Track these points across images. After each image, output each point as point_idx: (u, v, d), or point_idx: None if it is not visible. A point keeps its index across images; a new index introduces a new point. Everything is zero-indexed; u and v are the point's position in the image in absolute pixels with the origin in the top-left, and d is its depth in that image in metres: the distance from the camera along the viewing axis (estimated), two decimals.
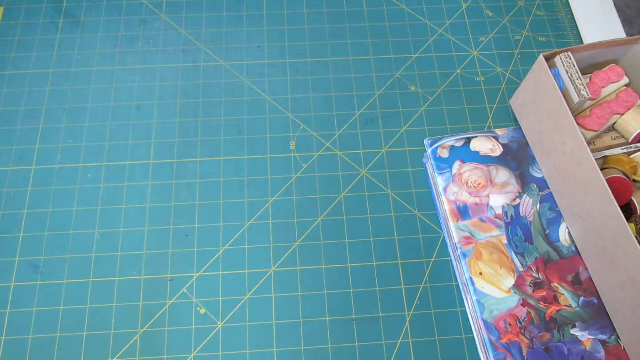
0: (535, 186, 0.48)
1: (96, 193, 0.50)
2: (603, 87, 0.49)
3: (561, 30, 0.61)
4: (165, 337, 0.45)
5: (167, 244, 0.48)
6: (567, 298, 0.44)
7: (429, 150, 0.49)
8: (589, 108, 0.49)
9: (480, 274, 0.44)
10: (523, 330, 0.42)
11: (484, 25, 0.61)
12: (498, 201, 0.47)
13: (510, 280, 0.44)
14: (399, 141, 0.54)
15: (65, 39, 0.58)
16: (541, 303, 0.43)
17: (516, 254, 0.45)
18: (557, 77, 0.45)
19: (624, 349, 0.42)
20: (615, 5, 0.62)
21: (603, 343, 0.42)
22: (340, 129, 0.54)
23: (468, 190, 0.47)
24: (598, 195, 0.40)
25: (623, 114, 0.48)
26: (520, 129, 0.51)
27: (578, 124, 0.47)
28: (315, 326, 0.46)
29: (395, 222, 0.50)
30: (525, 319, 0.43)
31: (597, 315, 0.43)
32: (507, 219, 0.47)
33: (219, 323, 0.46)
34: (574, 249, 0.46)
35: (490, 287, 0.44)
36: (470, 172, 0.48)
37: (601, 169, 0.45)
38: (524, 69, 0.58)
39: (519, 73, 0.58)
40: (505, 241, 0.46)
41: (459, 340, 0.45)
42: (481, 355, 0.44)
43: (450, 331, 0.46)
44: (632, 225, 0.44)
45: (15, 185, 0.50)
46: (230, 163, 0.52)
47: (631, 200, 0.45)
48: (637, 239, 0.37)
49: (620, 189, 0.44)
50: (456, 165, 0.49)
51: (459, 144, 0.50)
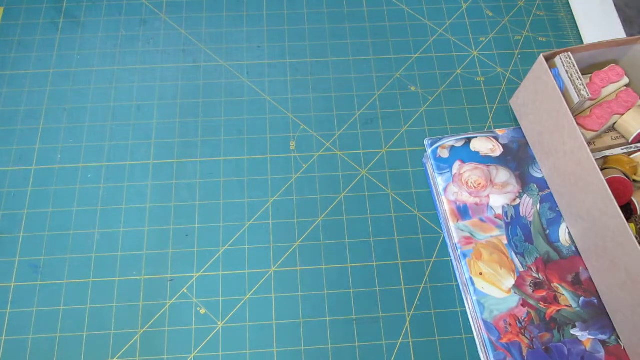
0: (535, 186, 0.48)
1: (96, 193, 0.50)
2: (603, 87, 0.49)
3: (561, 30, 0.61)
4: (165, 337, 0.45)
5: (167, 244, 0.48)
6: (567, 298, 0.44)
7: (429, 150, 0.49)
8: (589, 108, 0.49)
9: (480, 274, 0.44)
10: (523, 330, 0.42)
11: (484, 25, 0.61)
12: (498, 201, 0.47)
13: (510, 280, 0.44)
14: (399, 141, 0.54)
15: (65, 39, 0.58)
16: (541, 303, 0.43)
17: (516, 254, 0.45)
18: (557, 77, 0.45)
19: (624, 349, 0.42)
20: (615, 5, 0.62)
21: (603, 343, 0.42)
22: (340, 129, 0.54)
23: (468, 190, 0.47)
24: (598, 195, 0.40)
25: (623, 114, 0.48)
26: (520, 129, 0.51)
27: (578, 124, 0.47)
28: (315, 326, 0.46)
29: (395, 222, 0.50)
30: (525, 319, 0.43)
31: (597, 315, 0.43)
32: (507, 219, 0.47)
33: (219, 323, 0.46)
34: (574, 249, 0.45)
35: (490, 287, 0.44)
36: (470, 172, 0.48)
37: (601, 169, 0.45)
38: (524, 69, 0.58)
39: (519, 73, 0.58)
40: (505, 241, 0.46)
41: (459, 340, 0.45)
42: (481, 355, 0.44)
43: (450, 331, 0.46)
44: (632, 225, 0.44)
45: (15, 185, 0.50)
46: (230, 163, 0.52)
47: (631, 200, 0.45)
48: (637, 239, 0.37)
49: (620, 189, 0.44)
50: (456, 165, 0.49)
51: (459, 144, 0.50)
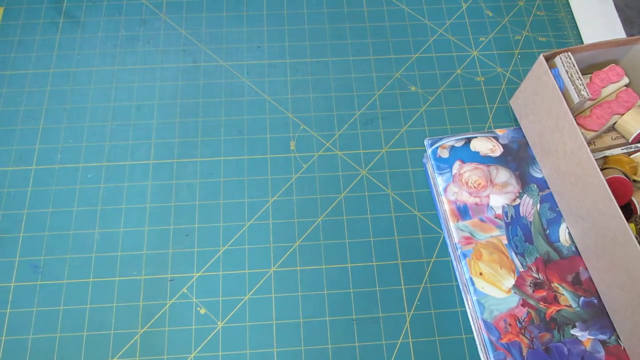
0: (535, 186, 0.48)
1: (96, 193, 0.50)
2: (603, 87, 0.49)
3: (561, 30, 0.61)
4: (165, 337, 0.45)
5: (167, 244, 0.48)
6: (567, 298, 0.44)
7: (429, 150, 0.49)
8: (589, 108, 0.49)
9: (480, 274, 0.44)
10: (523, 330, 0.42)
11: (484, 25, 0.61)
12: (498, 201, 0.47)
13: (510, 280, 0.44)
14: (399, 141, 0.54)
15: (65, 39, 0.58)
16: (541, 303, 0.43)
17: (516, 254, 0.45)
18: (557, 77, 0.45)
19: (624, 349, 0.42)
20: (615, 5, 0.62)
21: (603, 343, 0.42)
22: (340, 129, 0.54)
23: (468, 190, 0.47)
24: (598, 195, 0.40)
25: (623, 114, 0.48)
26: (520, 129, 0.51)
27: (578, 124, 0.47)
28: (315, 326, 0.46)
29: (395, 222, 0.50)
30: (525, 319, 0.43)
31: (597, 315, 0.43)
32: (507, 219, 0.47)
33: (219, 323, 0.46)
34: (574, 249, 0.45)
35: (490, 287, 0.44)
36: (470, 172, 0.48)
37: (601, 169, 0.45)
38: (524, 69, 0.58)
39: (519, 73, 0.58)
40: (505, 241, 0.46)
41: (459, 340, 0.45)
42: (481, 355, 0.44)
43: (450, 331, 0.46)
44: (632, 225, 0.44)
45: (15, 185, 0.50)
46: (230, 163, 0.52)
47: (631, 200, 0.45)
48: (637, 239, 0.37)
49: (620, 189, 0.44)
50: (456, 165, 0.49)
51: (459, 144, 0.50)
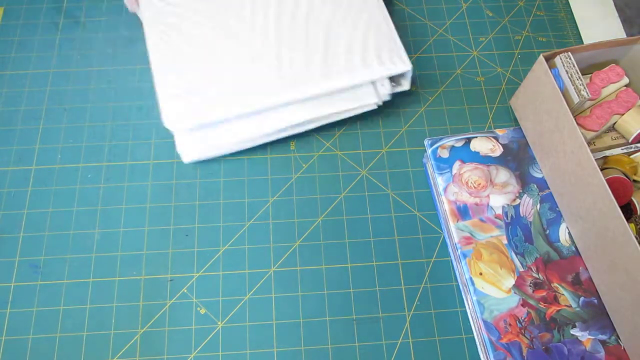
0: (535, 186, 0.48)
1: (96, 193, 0.50)
2: (603, 87, 0.49)
3: (561, 30, 0.61)
4: (165, 337, 0.45)
5: (167, 244, 0.48)
6: (567, 298, 0.44)
7: (429, 150, 0.49)
8: (589, 108, 0.49)
9: (480, 274, 0.44)
10: (523, 330, 0.42)
11: (484, 25, 0.61)
12: (498, 201, 0.47)
13: (510, 280, 0.44)
14: (399, 141, 0.54)
15: (65, 39, 0.58)
16: (541, 303, 0.43)
17: (516, 254, 0.45)
18: (557, 77, 0.45)
19: (624, 349, 0.42)
20: (615, 5, 0.62)
21: (603, 343, 0.42)
22: (340, 129, 0.54)
23: (468, 190, 0.47)
24: (598, 195, 0.40)
25: (623, 114, 0.48)
26: (520, 129, 0.51)
27: (578, 124, 0.47)
28: (315, 326, 0.46)
29: (395, 222, 0.50)
30: (525, 319, 0.43)
31: (597, 315, 0.43)
32: (507, 219, 0.47)
33: (219, 323, 0.46)
34: (574, 249, 0.46)
35: (490, 287, 0.44)
36: (470, 172, 0.48)
37: (601, 169, 0.45)
38: (524, 69, 0.58)
39: (519, 73, 0.58)
40: (505, 241, 0.46)
41: (459, 340, 0.45)
42: (481, 355, 0.44)
43: (450, 331, 0.46)
44: (632, 225, 0.44)
45: (15, 185, 0.50)
46: (230, 163, 0.52)
47: (631, 200, 0.45)
48: (637, 239, 0.37)
49: (620, 189, 0.44)
50: (456, 165, 0.49)
51: (459, 144, 0.50)
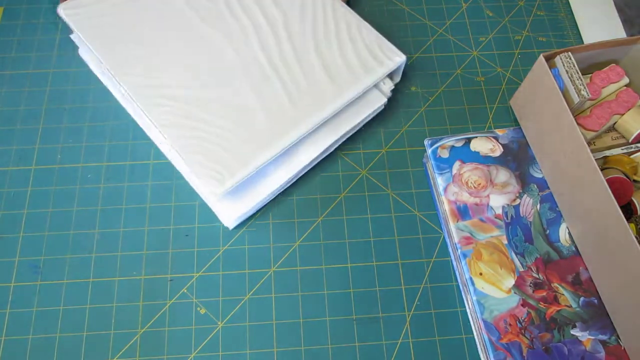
0: (535, 186, 0.48)
1: (96, 193, 0.50)
2: (603, 87, 0.49)
3: (561, 30, 0.61)
4: (165, 337, 0.45)
5: (167, 244, 0.48)
6: (567, 298, 0.44)
7: (429, 150, 0.49)
8: (589, 108, 0.49)
9: (480, 274, 0.44)
10: (523, 330, 0.42)
11: (484, 25, 0.61)
12: (498, 201, 0.47)
13: (510, 280, 0.44)
14: (399, 141, 0.54)
15: (65, 39, 0.58)
16: (541, 303, 0.43)
17: (516, 254, 0.45)
18: (557, 77, 0.45)
19: (624, 349, 0.42)
20: (615, 5, 0.62)
21: (603, 343, 0.42)
22: None
23: (468, 191, 0.47)
24: (598, 195, 0.40)
25: (623, 114, 0.48)
26: (520, 129, 0.51)
27: (578, 124, 0.47)
28: (315, 326, 0.46)
29: (395, 222, 0.50)
30: (525, 319, 0.43)
31: (597, 315, 0.43)
32: (507, 219, 0.47)
33: (219, 323, 0.46)
34: (574, 249, 0.46)
35: (490, 287, 0.44)
36: (470, 172, 0.48)
37: (601, 169, 0.45)
38: (524, 69, 0.58)
39: (519, 73, 0.58)
40: (505, 241, 0.46)
41: (459, 340, 0.45)
42: (481, 355, 0.44)
43: (450, 331, 0.46)
44: (632, 225, 0.44)
45: (15, 185, 0.50)
46: None
47: (631, 200, 0.45)
48: (637, 239, 0.37)
49: (620, 189, 0.44)
50: (456, 165, 0.49)
51: (459, 144, 0.50)
